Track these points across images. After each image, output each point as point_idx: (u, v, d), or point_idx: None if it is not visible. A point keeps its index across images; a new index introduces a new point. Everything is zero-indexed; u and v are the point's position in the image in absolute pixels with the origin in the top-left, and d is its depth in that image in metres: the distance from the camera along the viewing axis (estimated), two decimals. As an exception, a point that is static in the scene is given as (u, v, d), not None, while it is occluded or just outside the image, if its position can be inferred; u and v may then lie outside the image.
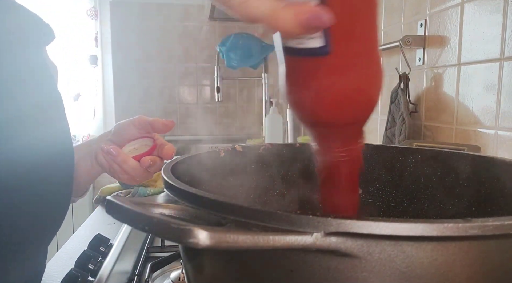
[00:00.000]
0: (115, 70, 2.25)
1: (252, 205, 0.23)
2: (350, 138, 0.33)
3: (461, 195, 0.43)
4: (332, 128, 0.31)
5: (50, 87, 0.46)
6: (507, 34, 0.66)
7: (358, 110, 0.31)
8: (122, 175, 0.55)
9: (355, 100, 0.30)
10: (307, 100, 0.30)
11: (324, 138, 0.33)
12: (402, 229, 0.20)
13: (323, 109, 0.30)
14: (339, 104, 0.30)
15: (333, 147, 0.33)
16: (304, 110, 0.31)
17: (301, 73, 0.30)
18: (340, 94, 0.29)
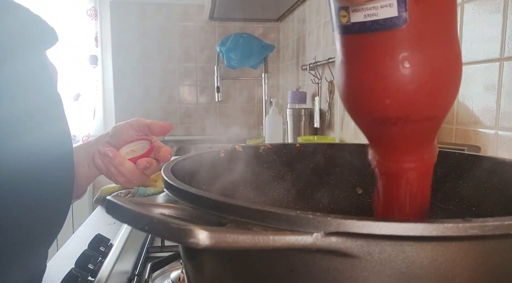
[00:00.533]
0: (115, 70, 2.25)
1: (252, 205, 0.23)
2: (423, 143, 0.27)
3: (461, 195, 0.43)
4: (406, 125, 0.26)
5: (50, 89, 0.46)
6: (507, 34, 0.66)
7: (440, 98, 0.26)
8: (119, 178, 0.55)
9: (438, 84, 0.25)
10: (378, 88, 0.25)
11: (392, 142, 0.27)
12: (402, 229, 0.20)
13: (401, 97, 0.25)
14: (420, 89, 0.24)
15: (401, 155, 0.27)
16: (373, 101, 0.26)
17: (371, 54, 0.25)
18: (423, 77, 0.24)
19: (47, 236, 0.47)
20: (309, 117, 1.58)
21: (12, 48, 0.40)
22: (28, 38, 0.42)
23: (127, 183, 0.56)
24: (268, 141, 1.78)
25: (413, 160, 0.27)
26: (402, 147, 0.27)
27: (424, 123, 0.26)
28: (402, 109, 0.25)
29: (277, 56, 2.39)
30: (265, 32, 2.36)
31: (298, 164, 0.52)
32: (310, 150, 0.53)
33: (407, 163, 0.28)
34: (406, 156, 0.27)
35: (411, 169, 0.28)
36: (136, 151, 0.57)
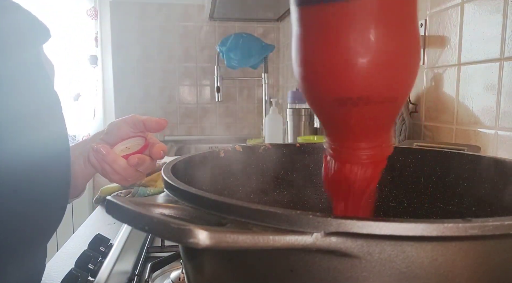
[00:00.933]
0: (115, 70, 2.25)
1: (252, 205, 0.23)
2: (381, 129, 0.26)
3: (461, 195, 0.43)
4: (367, 106, 0.24)
5: (46, 87, 0.45)
6: (507, 34, 0.66)
7: (401, 80, 0.25)
8: (113, 176, 0.55)
9: (400, 65, 0.24)
10: (341, 64, 0.24)
11: (350, 126, 0.26)
12: (402, 229, 0.20)
13: (363, 75, 0.23)
14: (383, 68, 0.23)
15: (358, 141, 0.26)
16: (336, 79, 0.24)
17: (336, 27, 0.23)
18: (386, 54, 0.23)
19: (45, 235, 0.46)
20: (309, 117, 1.58)
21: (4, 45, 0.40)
22: (20, 34, 0.42)
23: (122, 181, 0.56)
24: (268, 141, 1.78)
25: (369, 148, 0.26)
26: (360, 131, 0.26)
27: (383, 106, 0.25)
28: (365, 88, 0.24)
29: (277, 56, 2.39)
30: (265, 32, 2.36)
31: (298, 164, 0.52)
32: (310, 150, 0.53)
33: (362, 150, 0.26)
34: (362, 143, 0.26)
35: (366, 157, 0.27)
36: (131, 148, 0.56)
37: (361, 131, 0.26)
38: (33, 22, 0.43)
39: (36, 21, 0.43)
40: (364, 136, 0.27)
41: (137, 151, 0.55)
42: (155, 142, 0.56)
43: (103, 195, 1.10)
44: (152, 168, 0.57)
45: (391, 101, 0.25)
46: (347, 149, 0.27)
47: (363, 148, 0.27)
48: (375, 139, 0.27)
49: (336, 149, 0.28)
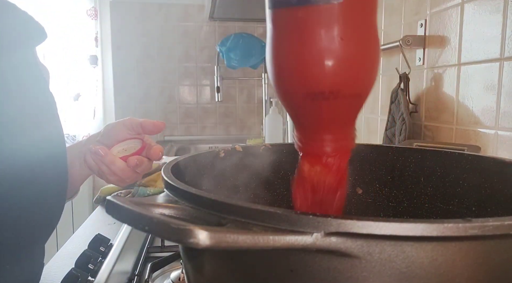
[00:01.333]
0: (115, 70, 2.25)
1: (252, 205, 0.23)
2: (347, 122, 0.29)
3: (461, 195, 0.43)
4: (337, 100, 0.27)
5: (41, 88, 0.45)
6: (507, 34, 0.66)
7: (367, 77, 0.27)
8: (111, 177, 0.55)
9: (367, 62, 0.27)
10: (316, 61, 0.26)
11: (319, 119, 0.28)
12: (402, 229, 0.20)
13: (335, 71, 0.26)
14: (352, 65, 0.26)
15: (325, 133, 0.28)
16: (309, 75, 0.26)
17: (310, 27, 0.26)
18: (355, 53, 0.26)
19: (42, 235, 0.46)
20: (309, 117, 1.58)
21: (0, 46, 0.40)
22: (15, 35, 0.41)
23: (119, 182, 0.56)
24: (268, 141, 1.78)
25: (336, 140, 0.29)
26: (328, 124, 0.28)
27: (351, 100, 0.27)
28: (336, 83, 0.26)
29: (277, 56, 2.38)
30: (265, 32, 2.36)
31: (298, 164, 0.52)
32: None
33: (329, 142, 0.29)
34: (330, 135, 0.29)
35: (332, 149, 0.29)
36: (127, 150, 0.56)
37: (329, 124, 0.29)
38: (28, 22, 0.43)
39: (32, 21, 0.43)
40: (331, 129, 0.29)
41: (134, 153, 0.55)
42: (152, 143, 0.57)
43: (103, 195, 1.10)
44: (149, 170, 0.57)
45: (356, 96, 0.28)
46: (315, 141, 0.29)
47: (330, 140, 0.29)
48: (341, 131, 0.29)
49: (305, 143, 0.30)
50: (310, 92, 0.27)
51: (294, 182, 0.32)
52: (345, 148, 0.30)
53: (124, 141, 0.57)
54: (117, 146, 0.56)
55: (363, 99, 0.28)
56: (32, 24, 0.43)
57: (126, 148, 0.56)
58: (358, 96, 0.28)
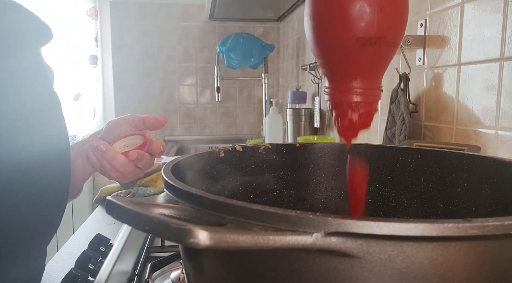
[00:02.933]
0: (115, 70, 2.25)
1: (252, 205, 0.23)
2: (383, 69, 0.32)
3: (461, 195, 0.43)
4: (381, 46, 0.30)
5: (46, 88, 0.45)
6: (507, 34, 0.66)
7: (403, 24, 0.31)
8: (113, 173, 0.55)
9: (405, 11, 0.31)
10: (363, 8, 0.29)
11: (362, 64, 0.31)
12: (402, 229, 0.20)
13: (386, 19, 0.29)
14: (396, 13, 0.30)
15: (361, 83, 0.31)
16: (365, 22, 0.29)
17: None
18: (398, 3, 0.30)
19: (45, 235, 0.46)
20: (309, 117, 1.58)
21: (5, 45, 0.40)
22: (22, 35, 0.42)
23: (120, 178, 0.56)
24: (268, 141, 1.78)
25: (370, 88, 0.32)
26: (369, 70, 0.32)
27: (390, 48, 0.31)
28: (383, 29, 0.30)
29: (277, 56, 2.39)
30: (265, 32, 2.36)
31: (298, 164, 0.53)
32: (310, 150, 0.53)
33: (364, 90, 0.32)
34: (367, 82, 0.32)
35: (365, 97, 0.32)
36: (129, 146, 0.56)
37: (370, 70, 0.32)
38: (35, 23, 0.43)
39: (39, 22, 0.43)
40: (369, 76, 0.32)
41: (136, 148, 0.55)
42: (153, 138, 0.57)
43: (103, 195, 1.10)
44: (150, 165, 0.57)
45: (394, 45, 0.31)
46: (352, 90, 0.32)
47: (366, 88, 0.32)
48: (376, 80, 0.32)
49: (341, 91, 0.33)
50: (360, 37, 0.30)
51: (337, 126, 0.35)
52: (376, 96, 0.33)
53: (126, 137, 0.57)
54: (119, 142, 0.56)
55: (396, 48, 0.32)
56: (38, 25, 0.43)
57: (127, 144, 0.57)
58: (395, 45, 0.31)
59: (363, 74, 0.32)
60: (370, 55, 0.31)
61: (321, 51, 0.33)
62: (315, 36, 0.32)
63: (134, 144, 0.56)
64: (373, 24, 0.29)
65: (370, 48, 0.30)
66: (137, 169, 0.56)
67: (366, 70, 0.32)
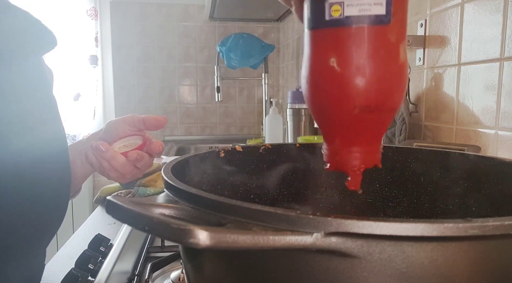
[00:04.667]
0: (115, 70, 2.25)
1: (252, 205, 0.23)
2: (382, 134, 0.32)
3: (461, 195, 0.43)
4: (381, 113, 0.30)
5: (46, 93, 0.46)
6: (507, 34, 0.66)
7: (402, 92, 0.31)
8: (112, 173, 0.55)
9: (404, 79, 0.30)
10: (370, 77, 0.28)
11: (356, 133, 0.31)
12: (402, 229, 0.20)
13: (385, 87, 0.29)
14: (396, 82, 0.29)
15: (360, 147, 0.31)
16: (363, 90, 0.29)
17: (354, 47, 0.28)
18: (399, 71, 0.29)
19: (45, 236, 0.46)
20: (309, 117, 1.58)
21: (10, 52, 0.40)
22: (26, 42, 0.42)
23: (119, 178, 0.56)
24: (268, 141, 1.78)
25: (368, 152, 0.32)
26: (366, 136, 0.31)
27: (389, 114, 0.31)
28: (381, 98, 0.29)
29: (277, 56, 2.38)
30: (265, 32, 2.36)
31: (298, 164, 0.52)
32: (310, 150, 0.53)
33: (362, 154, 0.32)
34: (365, 147, 0.31)
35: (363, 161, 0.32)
36: (128, 146, 0.56)
37: (367, 135, 0.31)
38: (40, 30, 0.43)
39: (44, 29, 0.43)
40: (367, 141, 0.32)
41: (135, 149, 0.55)
42: (152, 139, 0.57)
43: (103, 195, 1.10)
44: (149, 166, 0.57)
45: (393, 110, 0.31)
46: (350, 153, 0.32)
47: (364, 152, 0.32)
48: (374, 144, 0.32)
49: (338, 155, 0.32)
50: (357, 105, 0.29)
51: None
52: (375, 160, 0.32)
53: (125, 137, 0.57)
54: (118, 142, 0.56)
55: (396, 113, 0.32)
56: (43, 32, 0.44)
57: (127, 144, 0.56)
58: (394, 110, 0.31)
59: (361, 138, 0.31)
60: (369, 122, 0.30)
61: (318, 114, 0.33)
62: (312, 99, 0.32)
63: (133, 145, 0.56)
64: (371, 93, 0.29)
65: (368, 115, 0.30)
66: (136, 169, 0.56)
67: (364, 135, 0.31)
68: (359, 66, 0.28)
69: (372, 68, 0.28)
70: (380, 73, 0.29)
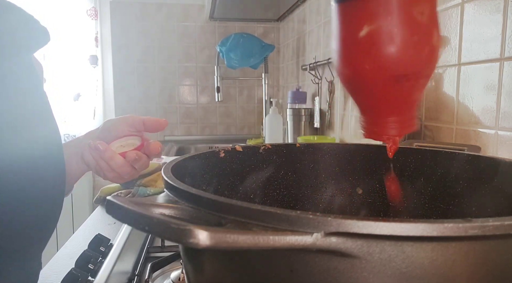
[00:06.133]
0: (115, 70, 2.25)
1: (252, 205, 0.23)
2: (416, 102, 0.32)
3: (461, 195, 0.43)
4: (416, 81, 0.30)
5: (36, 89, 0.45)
6: (507, 34, 0.66)
7: (436, 58, 0.31)
8: (109, 173, 0.54)
9: (438, 45, 0.30)
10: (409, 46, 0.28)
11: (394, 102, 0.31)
12: (402, 229, 0.20)
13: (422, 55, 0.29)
14: (431, 48, 0.29)
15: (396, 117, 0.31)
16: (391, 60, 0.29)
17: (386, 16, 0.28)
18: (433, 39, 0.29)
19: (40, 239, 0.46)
20: (309, 117, 1.58)
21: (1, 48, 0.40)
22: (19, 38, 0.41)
23: (116, 179, 0.56)
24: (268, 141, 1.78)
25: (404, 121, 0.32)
26: (404, 104, 0.31)
27: (424, 81, 0.31)
28: (418, 66, 0.29)
29: (277, 56, 2.38)
30: (265, 32, 2.36)
31: (298, 164, 0.52)
32: (310, 150, 0.53)
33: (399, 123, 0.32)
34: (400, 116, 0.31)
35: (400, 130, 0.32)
36: (126, 146, 0.56)
37: (405, 104, 0.31)
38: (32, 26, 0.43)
39: (36, 25, 0.43)
40: (404, 110, 0.32)
41: (133, 149, 0.55)
42: (150, 140, 0.57)
43: (103, 195, 1.10)
44: (146, 167, 0.57)
45: (427, 77, 0.31)
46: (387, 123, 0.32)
47: (400, 121, 0.32)
48: (411, 112, 0.32)
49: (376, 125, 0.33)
50: (395, 74, 0.29)
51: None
52: (411, 126, 0.32)
53: (123, 138, 0.57)
54: (115, 142, 0.56)
55: (428, 80, 0.32)
56: (36, 28, 0.43)
57: (124, 145, 0.56)
58: (428, 77, 0.31)
59: (399, 108, 0.32)
60: (405, 91, 0.30)
61: (353, 87, 0.32)
62: (347, 72, 0.31)
63: (131, 145, 0.56)
64: (409, 62, 0.29)
65: (405, 84, 0.30)
66: (133, 170, 0.56)
67: (402, 105, 0.31)
68: (394, 35, 0.28)
69: (406, 36, 0.28)
70: (414, 41, 0.28)
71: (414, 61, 0.29)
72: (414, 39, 0.28)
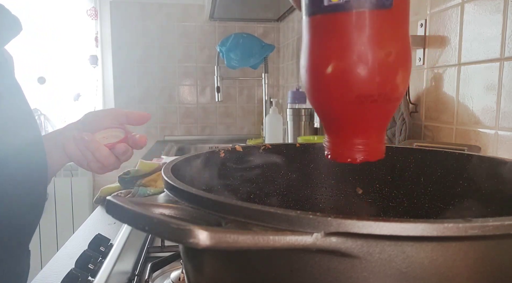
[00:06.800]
0: (115, 70, 2.25)
1: (252, 205, 0.23)
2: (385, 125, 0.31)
3: (461, 195, 0.43)
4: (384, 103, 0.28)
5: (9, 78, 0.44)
6: (507, 34, 0.66)
7: (407, 79, 0.29)
8: (94, 164, 0.55)
9: (408, 66, 0.29)
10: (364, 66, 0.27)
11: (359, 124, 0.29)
12: (402, 229, 0.20)
13: (389, 75, 0.27)
14: (400, 70, 0.28)
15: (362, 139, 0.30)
16: (355, 80, 0.27)
17: (355, 33, 0.27)
18: (402, 58, 0.28)
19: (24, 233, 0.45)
20: (309, 117, 1.58)
21: None
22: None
23: (99, 170, 0.56)
24: (268, 141, 1.78)
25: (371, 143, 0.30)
26: (369, 127, 0.30)
27: (392, 103, 0.29)
28: (385, 86, 0.28)
29: (277, 56, 2.38)
30: (265, 32, 2.36)
31: (298, 164, 0.52)
32: (310, 150, 0.53)
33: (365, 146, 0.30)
34: (368, 138, 0.30)
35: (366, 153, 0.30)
36: (108, 138, 0.56)
37: (370, 126, 0.30)
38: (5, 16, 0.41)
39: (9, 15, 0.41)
40: (371, 132, 0.30)
41: (119, 141, 0.56)
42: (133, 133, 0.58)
43: (103, 195, 1.10)
44: (129, 158, 0.58)
45: (397, 100, 0.29)
46: (353, 145, 0.30)
47: (366, 144, 0.30)
48: (378, 135, 0.30)
49: (340, 147, 0.31)
50: (359, 95, 0.28)
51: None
52: (380, 152, 0.31)
53: (105, 130, 0.57)
54: (98, 133, 0.56)
55: (399, 102, 0.30)
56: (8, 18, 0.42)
57: (107, 136, 0.57)
58: (397, 100, 0.29)
59: (365, 131, 0.30)
60: (372, 112, 0.29)
61: (318, 105, 0.31)
62: (312, 89, 0.30)
63: (115, 137, 0.57)
64: (374, 82, 0.27)
65: (371, 105, 0.28)
66: (117, 161, 0.56)
67: (368, 127, 0.30)
68: (360, 53, 0.27)
69: (375, 55, 0.27)
70: (383, 60, 0.27)
71: (382, 82, 0.27)
72: (383, 59, 0.27)
